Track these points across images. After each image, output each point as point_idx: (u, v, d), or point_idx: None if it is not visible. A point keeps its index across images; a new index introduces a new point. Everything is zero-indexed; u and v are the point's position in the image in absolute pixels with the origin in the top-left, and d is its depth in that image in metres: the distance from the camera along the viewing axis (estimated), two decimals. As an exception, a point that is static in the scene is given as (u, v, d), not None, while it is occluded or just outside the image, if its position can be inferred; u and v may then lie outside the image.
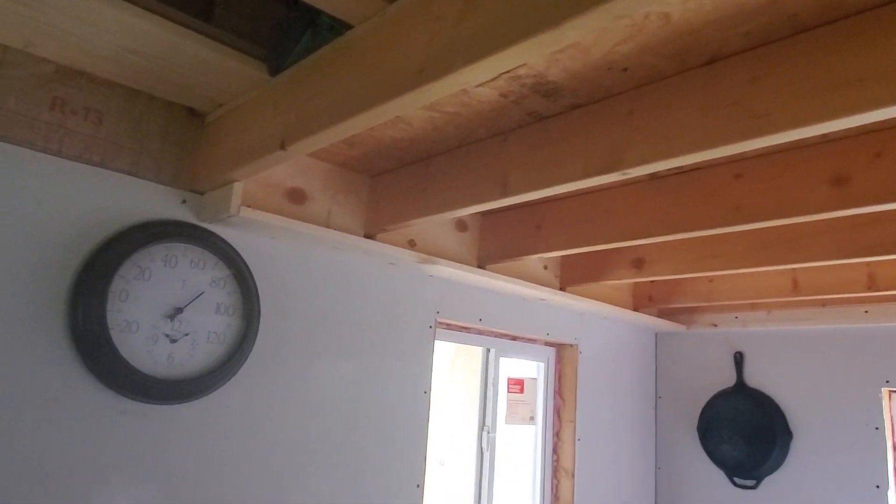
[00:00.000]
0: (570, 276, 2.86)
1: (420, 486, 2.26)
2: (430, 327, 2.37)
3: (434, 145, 1.90)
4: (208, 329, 1.75)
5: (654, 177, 2.00)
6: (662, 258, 2.56)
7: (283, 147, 1.44)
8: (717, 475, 3.12)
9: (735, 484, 3.05)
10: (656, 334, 3.52)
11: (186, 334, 1.71)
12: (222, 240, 1.81)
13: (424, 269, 2.27)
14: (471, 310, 2.54)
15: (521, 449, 2.93)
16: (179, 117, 1.80)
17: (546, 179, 1.61)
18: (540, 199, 2.31)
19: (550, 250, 2.30)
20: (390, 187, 2.12)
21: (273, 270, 1.96)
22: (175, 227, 1.73)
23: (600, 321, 3.15)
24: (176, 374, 1.67)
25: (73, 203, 1.60)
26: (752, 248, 2.33)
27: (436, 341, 2.41)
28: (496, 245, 2.51)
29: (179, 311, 1.70)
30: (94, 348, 1.55)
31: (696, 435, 3.20)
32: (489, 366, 2.75)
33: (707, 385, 3.23)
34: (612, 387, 3.18)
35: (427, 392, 2.33)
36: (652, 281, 3.23)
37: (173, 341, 1.68)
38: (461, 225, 2.52)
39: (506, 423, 2.76)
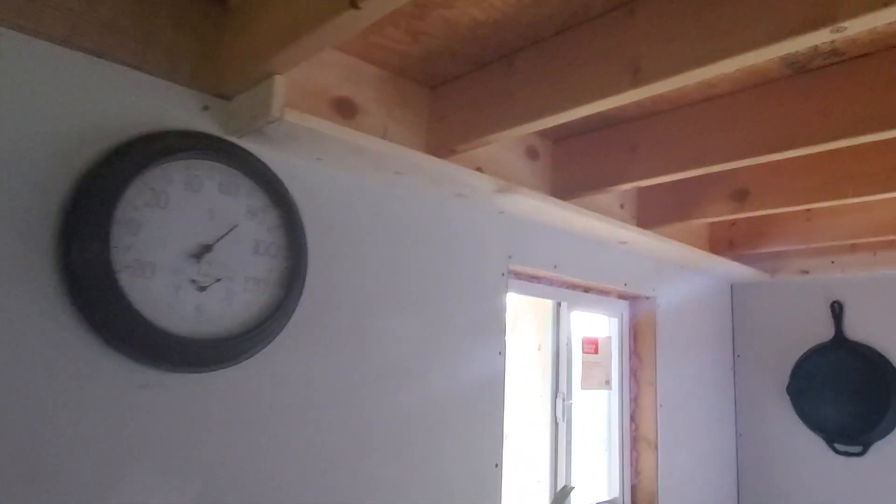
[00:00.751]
0: (650, 216, 2.44)
1: (499, 467, 1.87)
2: (503, 275, 1.96)
3: (524, 32, 1.46)
4: (245, 273, 1.34)
5: (799, 70, 1.58)
6: (772, 187, 2.14)
7: (354, 4, 1.00)
8: (813, 441, 2.74)
9: (836, 451, 2.68)
10: (732, 285, 3.12)
11: (218, 280, 1.29)
12: (257, 159, 1.39)
13: (497, 203, 1.85)
14: (546, 255, 2.12)
15: (592, 417, 2.55)
16: (195, -3, 1.36)
17: (703, 55, 1.18)
18: (636, 112, 1.88)
19: (651, 176, 1.87)
20: (459, 98, 1.69)
21: (320, 202, 1.54)
22: (198, 139, 1.31)
23: (676, 271, 2.74)
24: (207, 331, 1.26)
25: (61, 102, 1.17)
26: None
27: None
28: (575, 175, 2.08)
29: (208, 248, 1.28)
30: (97, 299, 1.14)
31: (785, 397, 2.82)
32: (560, 323, 2.35)
33: (797, 340, 2.83)
34: (690, 345, 2.79)
35: (502, 353, 1.93)
36: (733, 222, 2.81)
37: (202, 289, 1.27)
38: (531, 152, 2.09)
39: (581, 389, 2.37)
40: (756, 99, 1.66)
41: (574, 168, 2.09)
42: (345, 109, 1.59)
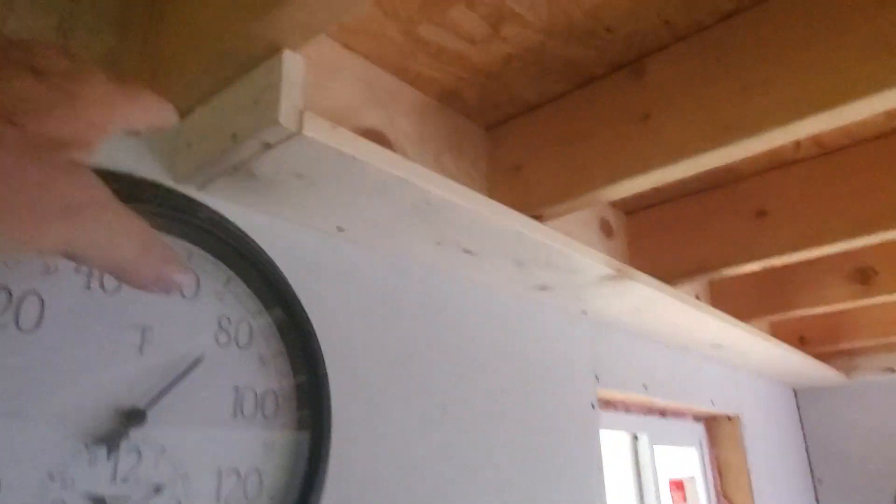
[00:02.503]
0: (733, 310, 1.87)
1: None
2: (593, 407, 1.30)
3: (659, 27, 0.91)
4: (220, 464, 0.63)
5: None
6: (909, 264, 1.63)
7: None
8: None
9: None
10: (795, 391, 2.55)
11: (158, 490, 0.57)
12: (237, 227, 0.72)
13: (585, 299, 1.22)
14: (635, 371, 1.48)
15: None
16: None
17: None
18: (764, 162, 1.34)
19: (796, 250, 1.31)
20: (542, 136, 1.10)
21: (342, 308, 0.86)
22: (119, 184, 0.63)
23: (749, 379, 2.16)
24: None
25: None
26: None
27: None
28: (663, 255, 1.50)
29: (137, 418, 0.57)
30: None
31: (894, 534, 2.21)
32: (641, 462, 1.69)
33: (896, 457, 2.27)
34: (775, 476, 2.16)
35: (606, 531, 1.24)
36: (801, 315, 2.28)
37: (120, 517, 0.55)
38: (605, 227, 1.51)
39: (679, 559, 1.68)
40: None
41: (661, 246, 1.51)
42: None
